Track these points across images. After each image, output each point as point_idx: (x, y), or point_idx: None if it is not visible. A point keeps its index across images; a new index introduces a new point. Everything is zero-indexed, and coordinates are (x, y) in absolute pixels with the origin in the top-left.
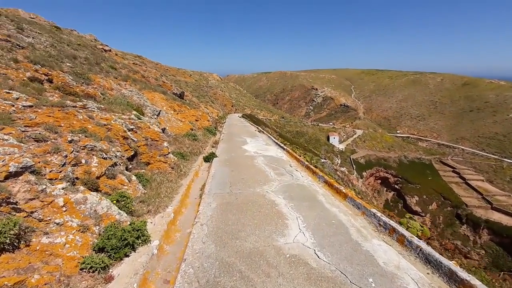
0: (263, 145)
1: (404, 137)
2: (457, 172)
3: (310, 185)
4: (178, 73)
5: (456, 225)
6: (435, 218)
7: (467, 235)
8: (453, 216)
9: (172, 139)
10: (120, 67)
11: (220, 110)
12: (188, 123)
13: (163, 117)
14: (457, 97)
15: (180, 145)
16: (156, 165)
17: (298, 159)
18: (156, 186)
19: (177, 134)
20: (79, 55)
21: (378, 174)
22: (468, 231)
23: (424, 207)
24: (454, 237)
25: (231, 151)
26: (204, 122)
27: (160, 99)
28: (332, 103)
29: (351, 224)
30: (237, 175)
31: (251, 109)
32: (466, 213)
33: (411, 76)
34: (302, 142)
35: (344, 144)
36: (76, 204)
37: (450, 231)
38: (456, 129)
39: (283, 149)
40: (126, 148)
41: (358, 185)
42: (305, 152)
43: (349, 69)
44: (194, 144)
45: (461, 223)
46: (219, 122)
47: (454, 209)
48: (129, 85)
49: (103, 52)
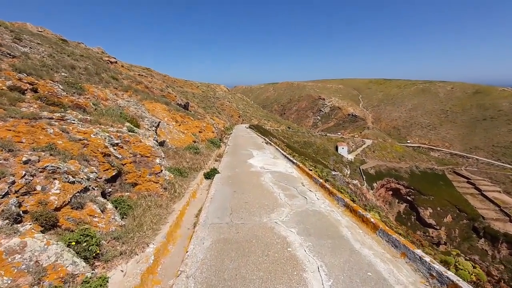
0: (270, 159)
1: (415, 147)
2: (472, 183)
3: (329, 212)
4: (185, 85)
5: (473, 238)
6: (451, 232)
7: (485, 250)
8: (469, 229)
9: (172, 152)
10: (122, 78)
11: (227, 120)
12: (190, 135)
13: (163, 128)
14: (469, 105)
15: (180, 160)
16: (145, 186)
17: (311, 176)
18: (139, 214)
19: (178, 147)
20: (79, 65)
21: (389, 185)
22: (486, 245)
23: (439, 220)
24: (471, 252)
25: (235, 166)
26: (208, 133)
27: (162, 109)
28: (340, 113)
29: (395, 280)
30: (240, 197)
31: (258, 119)
32: (483, 226)
33: (420, 85)
34: (310, 153)
35: (353, 154)
36: (7, 254)
37: (467, 245)
38: (469, 138)
39: (293, 163)
40: (107, 167)
41: (372, 200)
42: (315, 164)
43: (357, 78)
44: (195, 158)
45: (478, 237)
46: (225, 133)
47: (471, 222)
48: (129, 95)
49: (109, 64)
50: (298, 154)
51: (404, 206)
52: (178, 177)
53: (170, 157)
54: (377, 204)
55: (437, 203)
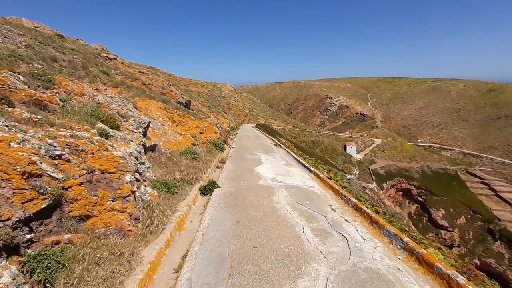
0: (282, 166)
1: (426, 146)
2: (486, 184)
3: (393, 273)
4: (190, 84)
5: (489, 241)
6: (464, 234)
7: (502, 253)
8: (484, 231)
9: (165, 158)
10: (116, 73)
11: (233, 120)
12: (189, 137)
13: (157, 129)
14: (482, 104)
15: (172, 168)
16: (103, 218)
17: (338, 192)
18: (74, 282)
19: (173, 151)
20: (63, 58)
21: (399, 185)
22: (503, 248)
23: (452, 221)
24: (487, 255)
25: (239, 177)
26: (211, 134)
27: (157, 108)
28: (348, 111)
29: None
30: (246, 234)
31: (265, 119)
32: (499, 228)
33: (430, 83)
34: (318, 152)
35: (362, 154)
36: None
37: (482, 248)
38: (482, 138)
39: (310, 171)
40: (29, 197)
41: (391, 206)
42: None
43: (365, 77)
44: (192, 166)
45: (494, 239)
46: (230, 134)
47: (486, 224)
48: (119, 92)
49: (107, 60)
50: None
51: (415, 207)
52: (164, 194)
53: (161, 165)
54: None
55: (450, 204)
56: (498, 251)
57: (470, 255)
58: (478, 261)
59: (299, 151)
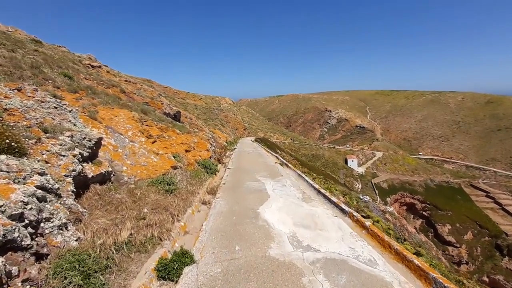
0: (299, 202)
1: (428, 159)
2: (491, 197)
3: None
4: (187, 96)
5: (497, 257)
6: (472, 250)
7: (510, 269)
8: (492, 247)
9: (124, 192)
10: (86, 78)
11: (231, 134)
12: (169, 158)
13: (120, 148)
14: (482, 115)
15: (125, 214)
16: None
17: (416, 268)
18: None
19: (141, 179)
20: (4, 55)
21: (403, 199)
22: (511, 264)
23: (458, 237)
24: (495, 271)
25: (234, 231)
26: (201, 152)
27: (127, 118)
28: (347, 124)
29: None
30: None
31: (264, 132)
32: (507, 244)
33: (428, 96)
34: (319, 166)
35: (363, 167)
36: None
37: (491, 265)
38: (484, 150)
39: (344, 213)
40: None
41: (415, 233)
42: (345, 191)
43: (363, 90)
44: (163, 205)
45: (502, 255)
46: (228, 149)
47: (493, 239)
48: (76, 98)
49: (89, 68)
50: (308, 168)
51: (420, 222)
52: None
53: (110, 208)
54: (421, 239)
55: (456, 219)
56: (506, 267)
57: (479, 272)
58: (487, 278)
59: (304, 168)
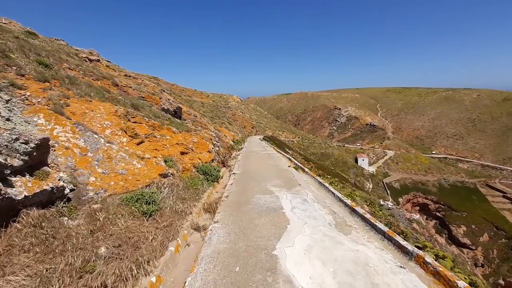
0: (334, 233)
1: (441, 158)
2: (508, 198)
3: None
4: (194, 94)
5: None
6: (488, 252)
7: None
8: (509, 249)
9: (82, 217)
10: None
11: (238, 132)
12: (157, 163)
13: (92, 152)
14: (498, 113)
15: (64, 258)
16: None
17: None
18: None
19: (114, 193)
20: None
21: (416, 200)
22: None
23: (474, 239)
24: (511, 274)
25: None
26: (201, 155)
27: (107, 113)
28: (357, 122)
29: None
30: None
31: (272, 130)
32: None
33: (442, 93)
34: (328, 165)
35: (374, 167)
36: None
37: (507, 267)
38: (501, 149)
39: (410, 256)
40: None
41: (445, 245)
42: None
43: (373, 87)
44: (130, 240)
45: None
46: (234, 149)
47: (510, 241)
48: (44, 88)
49: (86, 62)
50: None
51: (434, 223)
52: None
53: (39, 248)
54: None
55: (471, 220)
56: None
57: (495, 275)
58: (503, 281)
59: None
